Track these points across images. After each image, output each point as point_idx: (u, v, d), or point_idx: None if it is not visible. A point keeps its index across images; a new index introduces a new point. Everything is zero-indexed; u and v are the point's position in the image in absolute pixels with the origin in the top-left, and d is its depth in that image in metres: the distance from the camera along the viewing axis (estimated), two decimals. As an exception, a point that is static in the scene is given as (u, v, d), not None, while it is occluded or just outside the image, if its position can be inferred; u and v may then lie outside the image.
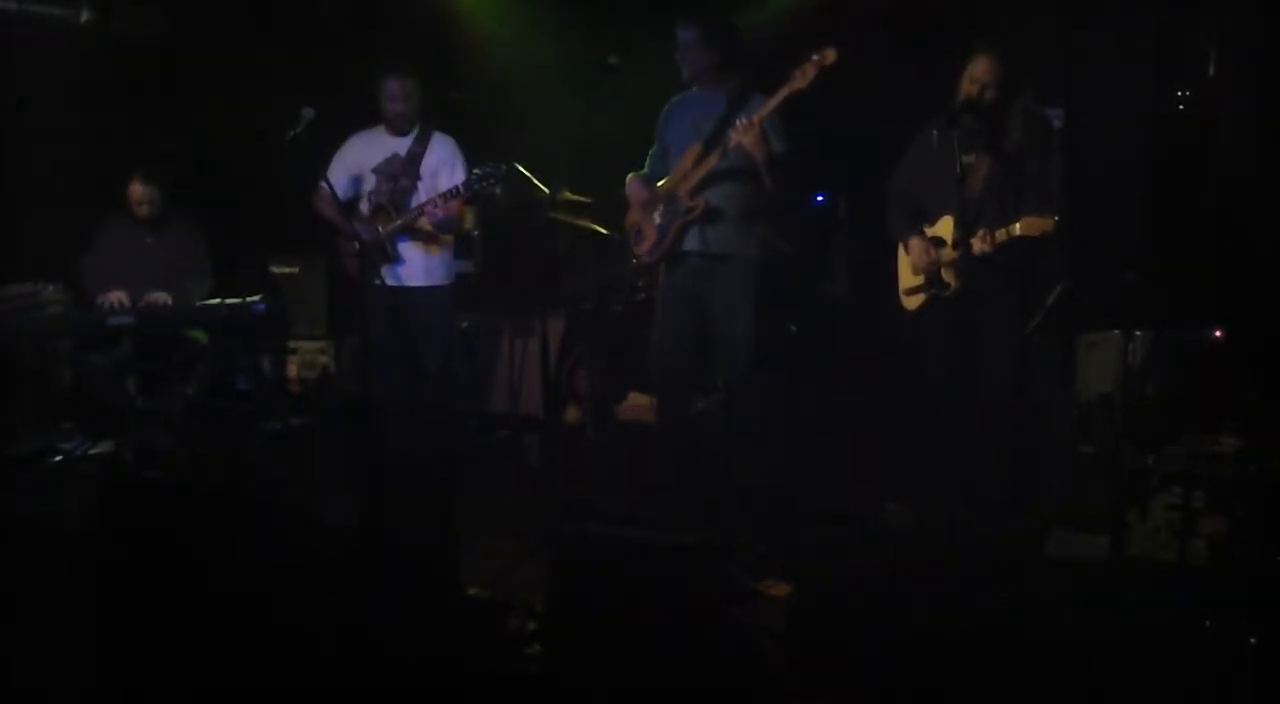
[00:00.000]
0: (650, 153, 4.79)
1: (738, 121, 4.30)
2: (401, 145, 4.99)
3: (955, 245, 4.14)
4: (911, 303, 4.42)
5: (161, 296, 5.42)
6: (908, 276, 4.41)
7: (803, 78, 4.21)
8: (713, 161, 4.43)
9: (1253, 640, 3.06)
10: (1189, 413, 4.34)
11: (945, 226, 4.24)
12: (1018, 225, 3.98)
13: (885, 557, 3.89)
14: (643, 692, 2.85)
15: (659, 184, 4.67)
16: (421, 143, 4.99)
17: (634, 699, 2.85)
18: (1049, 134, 4.64)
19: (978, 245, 4.08)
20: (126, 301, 5.36)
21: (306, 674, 2.85)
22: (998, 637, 3.23)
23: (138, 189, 5.54)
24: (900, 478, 4.56)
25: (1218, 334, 4.75)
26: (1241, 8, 5.29)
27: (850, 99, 5.70)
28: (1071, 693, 2.89)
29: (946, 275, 4.25)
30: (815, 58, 4.18)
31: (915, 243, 4.32)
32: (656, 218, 4.63)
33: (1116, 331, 4.72)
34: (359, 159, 5.02)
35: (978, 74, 4.16)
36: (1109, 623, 3.26)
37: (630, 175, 4.75)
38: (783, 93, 4.26)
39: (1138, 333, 4.59)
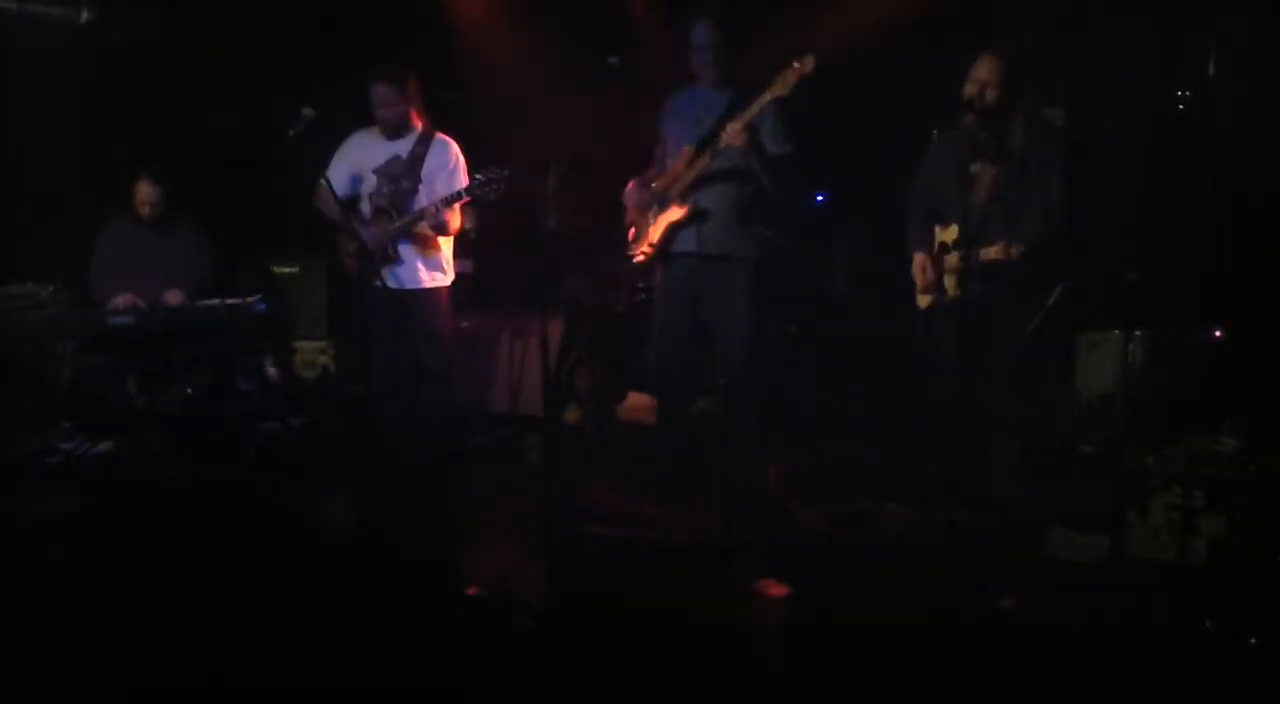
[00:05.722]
0: (656, 151, 4.77)
1: (727, 124, 4.29)
2: (403, 147, 4.96)
3: (957, 246, 4.14)
4: (922, 302, 4.45)
5: (176, 294, 5.43)
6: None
7: (783, 85, 4.20)
8: (703, 164, 4.42)
9: (1253, 640, 3.06)
10: (1189, 413, 4.34)
11: (952, 233, 4.25)
12: (994, 249, 4.01)
13: (885, 557, 3.89)
14: (643, 692, 2.85)
15: (654, 185, 4.66)
16: (423, 145, 4.95)
17: (634, 699, 2.85)
18: (1053, 136, 4.64)
19: (974, 260, 4.07)
20: (139, 303, 5.36)
21: (306, 674, 2.85)
22: (998, 637, 3.23)
23: (144, 188, 5.53)
24: (900, 478, 4.56)
25: (1218, 334, 4.75)
26: (1241, 8, 5.29)
27: (851, 99, 5.71)
28: (1071, 693, 2.89)
29: (949, 283, 4.26)
30: (796, 65, 4.17)
31: (917, 259, 4.35)
32: (651, 217, 4.63)
33: (1116, 331, 4.73)
34: (360, 158, 5.00)
35: (980, 74, 4.13)
36: (1109, 623, 3.26)
37: (629, 183, 4.74)
38: (764, 99, 4.24)
39: (1138, 333, 4.59)
